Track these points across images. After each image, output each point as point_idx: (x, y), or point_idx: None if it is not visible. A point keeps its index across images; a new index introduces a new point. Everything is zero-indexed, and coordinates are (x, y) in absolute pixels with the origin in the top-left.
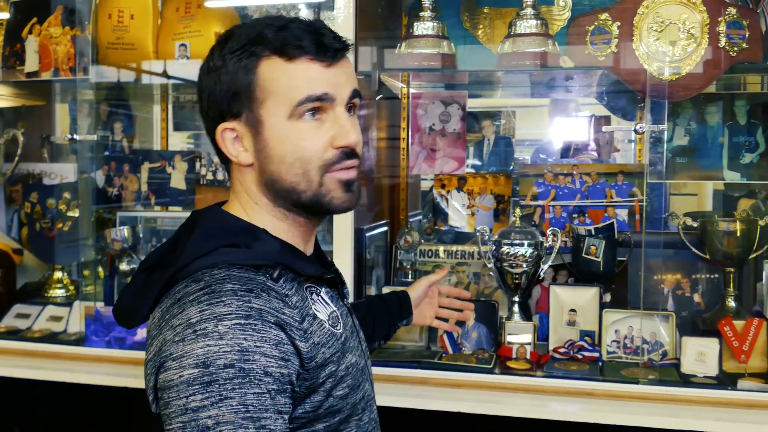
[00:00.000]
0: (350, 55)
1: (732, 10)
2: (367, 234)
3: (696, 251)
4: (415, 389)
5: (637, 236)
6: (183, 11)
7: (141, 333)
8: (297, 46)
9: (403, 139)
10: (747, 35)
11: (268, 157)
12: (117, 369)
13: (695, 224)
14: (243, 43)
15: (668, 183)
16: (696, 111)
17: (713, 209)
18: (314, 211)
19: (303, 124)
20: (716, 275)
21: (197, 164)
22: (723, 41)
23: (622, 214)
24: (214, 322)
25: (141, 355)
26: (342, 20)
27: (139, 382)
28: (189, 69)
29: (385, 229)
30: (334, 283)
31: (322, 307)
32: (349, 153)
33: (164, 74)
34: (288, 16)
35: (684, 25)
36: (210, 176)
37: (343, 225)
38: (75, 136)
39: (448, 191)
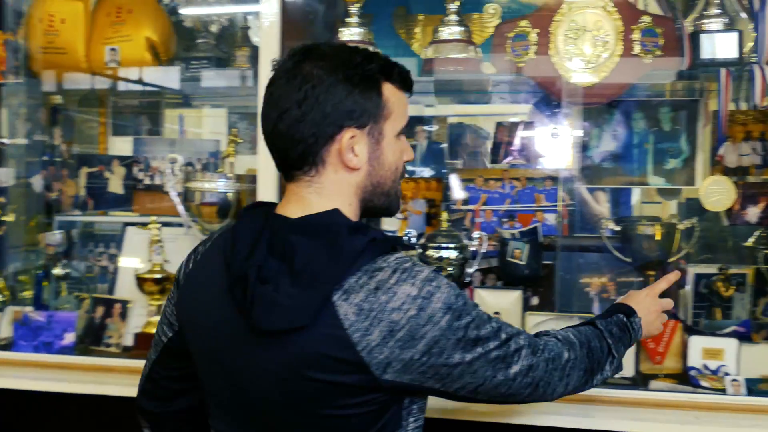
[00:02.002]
0: None
1: (646, 18)
2: None
3: (618, 255)
4: None
5: (565, 240)
6: (114, 16)
7: (69, 337)
8: (408, 80)
9: None
10: (661, 43)
11: (381, 164)
12: (44, 374)
13: (618, 228)
14: (370, 67)
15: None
16: (622, 116)
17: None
18: (378, 213)
19: (400, 141)
20: (641, 279)
21: (135, 169)
22: (637, 48)
23: (551, 218)
24: (429, 285)
25: (69, 359)
26: (267, 26)
27: (64, 387)
28: (128, 74)
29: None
30: None
31: None
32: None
33: (113, 77)
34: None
35: (599, 33)
36: (147, 181)
37: None
38: (5, 140)
39: None
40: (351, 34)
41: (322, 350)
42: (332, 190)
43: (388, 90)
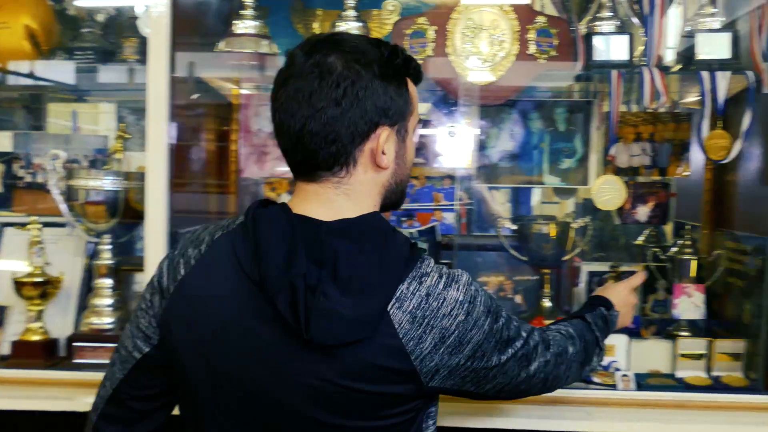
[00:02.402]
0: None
1: (542, 19)
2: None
3: (514, 253)
4: None
5: (464, 239)
6: None
7: None
8: (420, 75)
9: (234, 141)
10: (556, 44)
11: (404, 162)
12: None
13: (514, 227)
14: (398, 61)
15: (538, 191)
16: (519, 116)
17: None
18: (391, 207)
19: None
20: (537, 277)
21: (15, 166)
22: (533, 48)
23: (450, 217)
24: (471, 288)
25: None
26: (157, 17)
27: None
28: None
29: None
30: None
31: None
32: None
33: None
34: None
35: (495, 32)
36: (29, 179)
37: (156, 229)
38: None
39: (279, 194)
40: (246, 27)
41: (377, 362)
42: (361, 191)
43: (410, 86)
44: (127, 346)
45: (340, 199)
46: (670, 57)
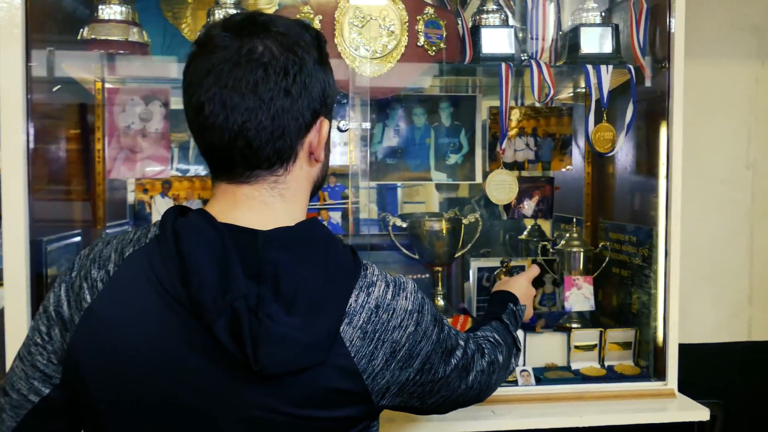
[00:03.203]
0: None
1: (430, 10)
2: (51, 247)
3: (405, 251)
4: None
5: (353, 239)
6: None
7: None
8: None
9: (99, 139)
10: (444, 35)
11: (328, 153)
12: None
13: (404, 224)
14: (324, 46)
15: (400, 191)
16: (404, 112)
17: None
18: None
19: None
20: (428, 275)
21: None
22: (422, 40)
23: (336, 216)
24: (417, 296)
25: None
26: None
27: None
28: None
29: (77, 239)
30: None
31: None
32: None
33: None
34: None
35: (384, 22)
36: None
37: (14, 236)
38: None
39: (152, 197)
40: (113, 12)
41: (330, 385)
42: (295, 190)
43: None
44: (21, 389)
45: (275, 202)
46: (554, 51)
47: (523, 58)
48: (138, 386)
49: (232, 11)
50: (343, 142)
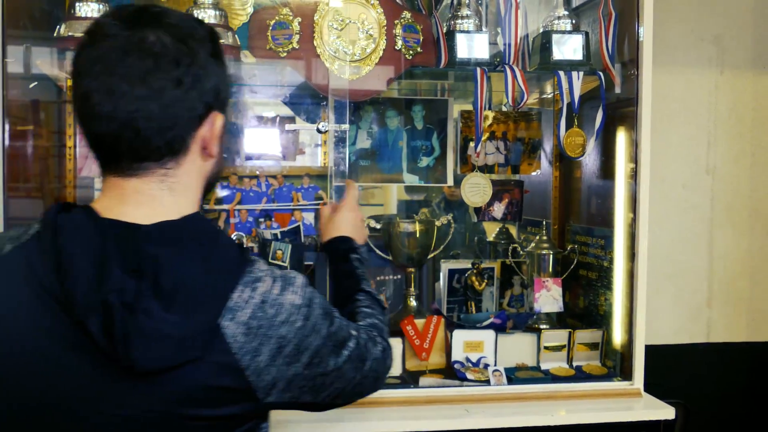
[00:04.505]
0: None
1: (407, 14)
2: None
3: (380, 253)
4: None
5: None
6: None
7: None
8: None
9: (70, 137)
10: (421, 40)
11: (222, 149)
12: None
13: (378, 226)
14: (219, 44)
15: (359, 192)
16: (377, 114)
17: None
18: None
19: None
20: (399, 276)
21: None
22: (399, 44)
23: (309, 217)
24: (307, 290)
25: None
26: None
27: None
28: None
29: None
30: None
31: None
32: None
33: None
34: None
35: (363, 25)
36: None
37: None
38: None
39: None
40: (90, 9)
41: (209, 382)
42: (186, 185)
43: None
44: None
45: (164, 196)
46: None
47: (495, 62)
48: (12, 386)
49: (211, 11)
50: (315, 143)
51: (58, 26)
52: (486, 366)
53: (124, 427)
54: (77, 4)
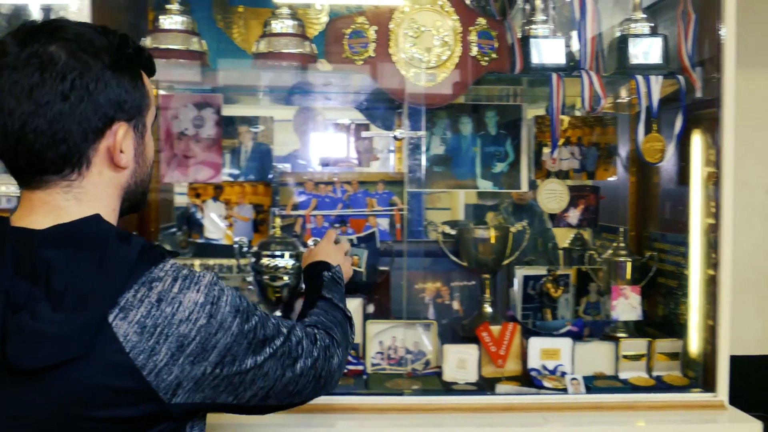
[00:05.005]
0: None
1: (482, 21)
2: None
3: (454, 259)
4: None
5: (399, 245)
6: None
7: None
8: (154, 68)
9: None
10: (496, 46)
11: (144, 160)
12: None
13: (453, 232)
14: (129, 51)
15: (424, 197)
16: (450, 120)
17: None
18: (133, 210)
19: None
20: (473, 282)
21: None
22: (474, 50)
23: (383, 223)
24: (214, 289)
25: None
26: (76, 10)
27: None
28: None
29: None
30: None
31: None
32: None
33: None
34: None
35: (438, 32)
36: None
37: None
38: None
39: (204, 201)
40: (173, 22)
41: (102, 382)
42: (95, 195)
43: (144, 78)
44: None
45: (71, 206)
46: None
47: (571, 65)
48: None
49: (288, 21)
50: (388, 149)
51: (142, 38)
52: (563, 374)
53: (17, 429)
54: (161, 17)
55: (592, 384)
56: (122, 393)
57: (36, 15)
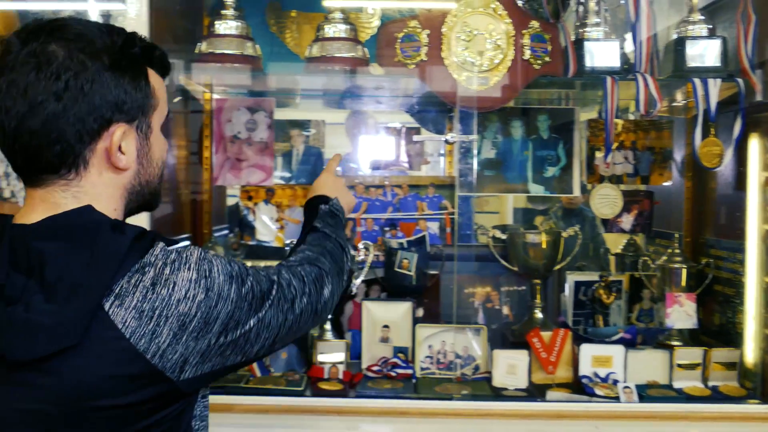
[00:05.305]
0: None
1: (535, 24)
2: None
3: (505, 263)
4: (220, 417)
5: (449, 249)
6: None
7: None
8: (167, 66)
9: (207, 147)
10: (549, 49)
11: (149, 161)
12: None
13: (504, 236)
14: (134, 50)
15: (473, 200)
16: (501, 124)
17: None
18: (143, 210)
19: (162, 134)
20: (523, 287)
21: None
22: (527, 53)
23: (433, 227)
24: (204, 263)
25: None
26: (134, 16)
27: None
28: None
29: (186, 243)
30: None
31: None
32: None
33: None
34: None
35: (491, 36)
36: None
37: None
38: None
39: (256, 203)
40: (228, 27)
41: (106, 371)
42: (94, 195)
43: (153, 77)
44: None
45: (69, 204)
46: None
47: (625, 68)
48: None
49: (341, 26)
50: (438, 152)
51: (198, 43)
52: (615, 382)
53: (26, 422)
54: (216, 22)
55: (645, 393)
56: (128, 379)
57: (96, 20)
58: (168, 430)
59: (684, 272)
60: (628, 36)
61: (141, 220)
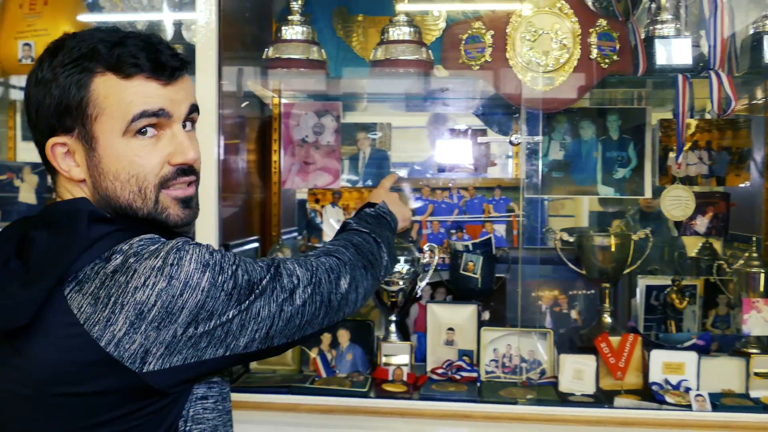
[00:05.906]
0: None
1: (602, 22)
2: (234, 250)
3: (573, 267)
4: (285, 416)
5: (515, 252)
6: (27, 8)
7: None
8: (133, 64)
9: (275, 151)
10: (618, 47)
11: (101, 173)
12: None
13: (572, 239)
14: (75, 56)
15: (546, 203)
16: (570, 125)
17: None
18: (154, 225)
19: (138, 141)
20: (592, 291)
21: (50, 178)
22: (594, 52)
23: (500, 229)
24: (175, 252)
25: None
26: (204, 24)
27: None
28: None
29: (255, 245)
30: None
31: None
32: (186, 170)
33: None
34: (124, 29)
35: (556, 35)
36: None
37: (208, 240)
38: None
39: (323, 206)
40: (294, 32)
41: (66, 357)
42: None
43: (103, 83)
44: None
45: (66, 196)
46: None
47: (699, 67)
48: None
49: (405, 29)
50: (505, 154)
51: (266, 49)
52: (687, 390)
53: (3, 400)
54: (283, 28)
55: (719, 402)
56: (85, 366)
57: (169, 29)
58: (137, 427)
59: (762, 277)
60: (703, 32)
61: (207, 220)
